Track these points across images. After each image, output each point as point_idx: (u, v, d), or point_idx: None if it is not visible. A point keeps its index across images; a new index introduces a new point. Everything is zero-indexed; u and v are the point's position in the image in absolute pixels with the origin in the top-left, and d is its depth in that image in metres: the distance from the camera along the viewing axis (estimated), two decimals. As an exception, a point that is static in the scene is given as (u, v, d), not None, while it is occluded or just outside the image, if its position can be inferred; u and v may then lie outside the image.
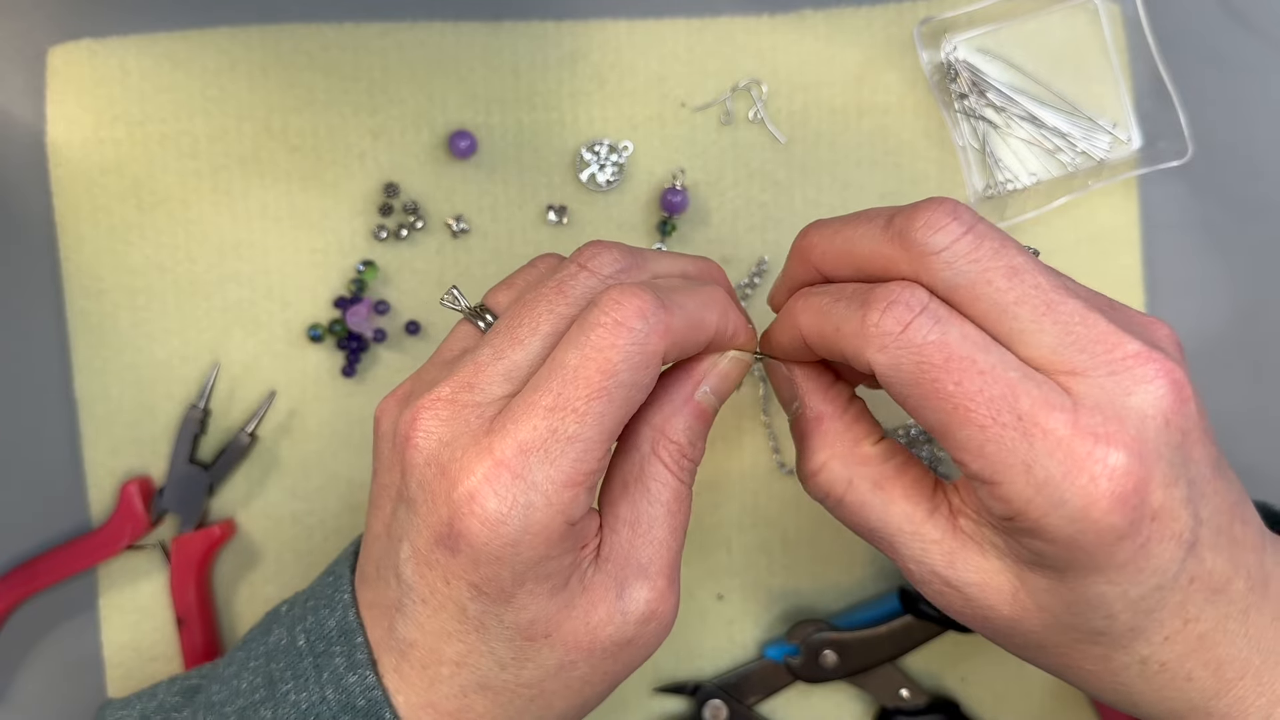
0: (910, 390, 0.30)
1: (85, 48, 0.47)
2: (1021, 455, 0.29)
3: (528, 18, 0.48)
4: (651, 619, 0.33)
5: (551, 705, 0.34)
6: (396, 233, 0.48)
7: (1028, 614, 0.32)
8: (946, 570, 0.33)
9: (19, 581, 0.46)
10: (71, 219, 0.47)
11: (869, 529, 0.34)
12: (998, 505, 0.30)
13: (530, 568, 0.31)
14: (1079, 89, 0.48)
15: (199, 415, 0.47)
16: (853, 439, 0.35)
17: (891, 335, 0.30)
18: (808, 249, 0.35)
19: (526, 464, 0.30)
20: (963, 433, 0.30)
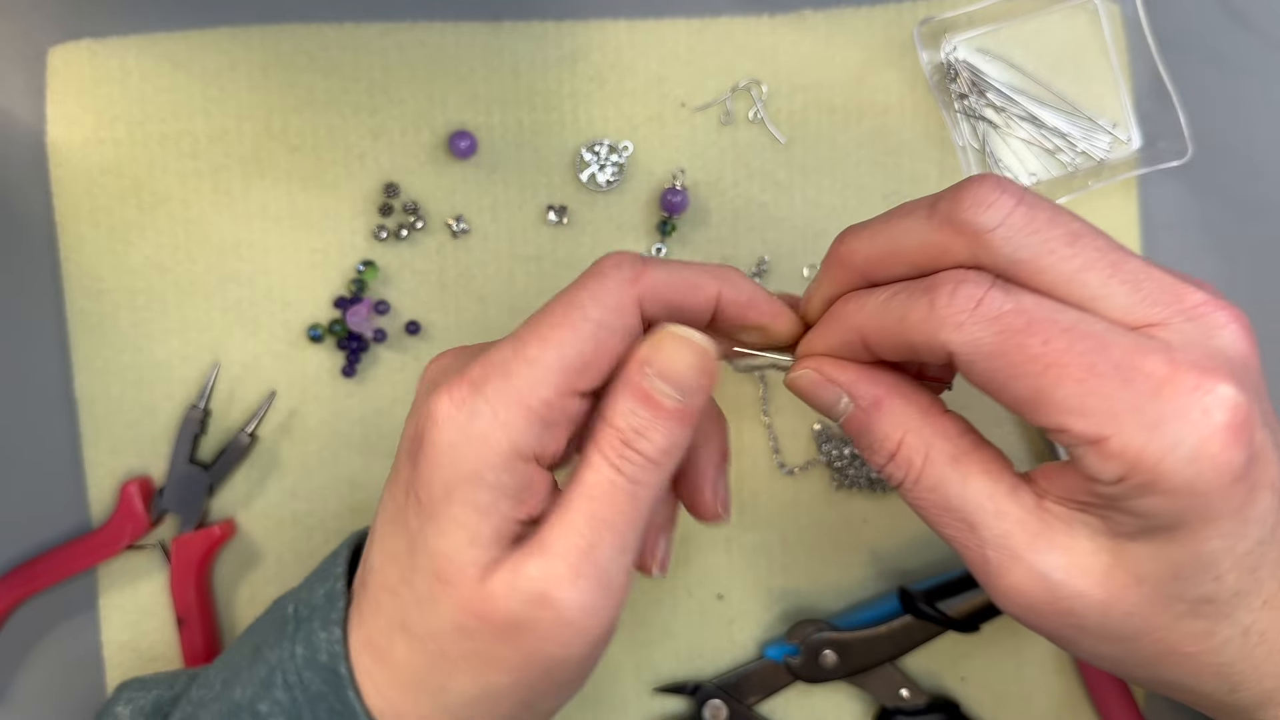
0: (994, 363, 0.29)
1: (85, 48, 0.47)
2: (1127, 402, 0.28)
3: (528, 18, 0.48)
4: (542, 603, 0.31)
5: (453, 676, 0.32)
6: (397, 233, 0.48)
7: (1124, 593, 0.30)
8: (1030, 552, 0.30)
9: (19, 581, 0.46)
10: (72, 219, 0.47)
11: (946, 507, 0.32)
12: (1109, 465, 0.28)
13: (463, 483, 0.31)
14: (1079, 89, 0.48)
15: (199, 415, 0.47)
16: (921, 411, 0.33)
17: (966, 312, 0.29)
18: (849, 255, 0.34)
19: (486, 379, 0.31)
20: (1060, 391, 0.28)
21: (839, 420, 0.34)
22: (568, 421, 0.33)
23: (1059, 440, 0.29)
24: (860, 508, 0.48)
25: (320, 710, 0.33)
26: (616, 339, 0.32)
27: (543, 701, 0.34)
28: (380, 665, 0.33)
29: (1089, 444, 0.28)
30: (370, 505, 0.48)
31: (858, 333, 0.33)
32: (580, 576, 0.31)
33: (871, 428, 0.33)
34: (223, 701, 0.35)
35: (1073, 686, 0.48)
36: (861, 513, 0.48)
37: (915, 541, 0.48)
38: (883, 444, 0.33)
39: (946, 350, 0.30)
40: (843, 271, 0.34)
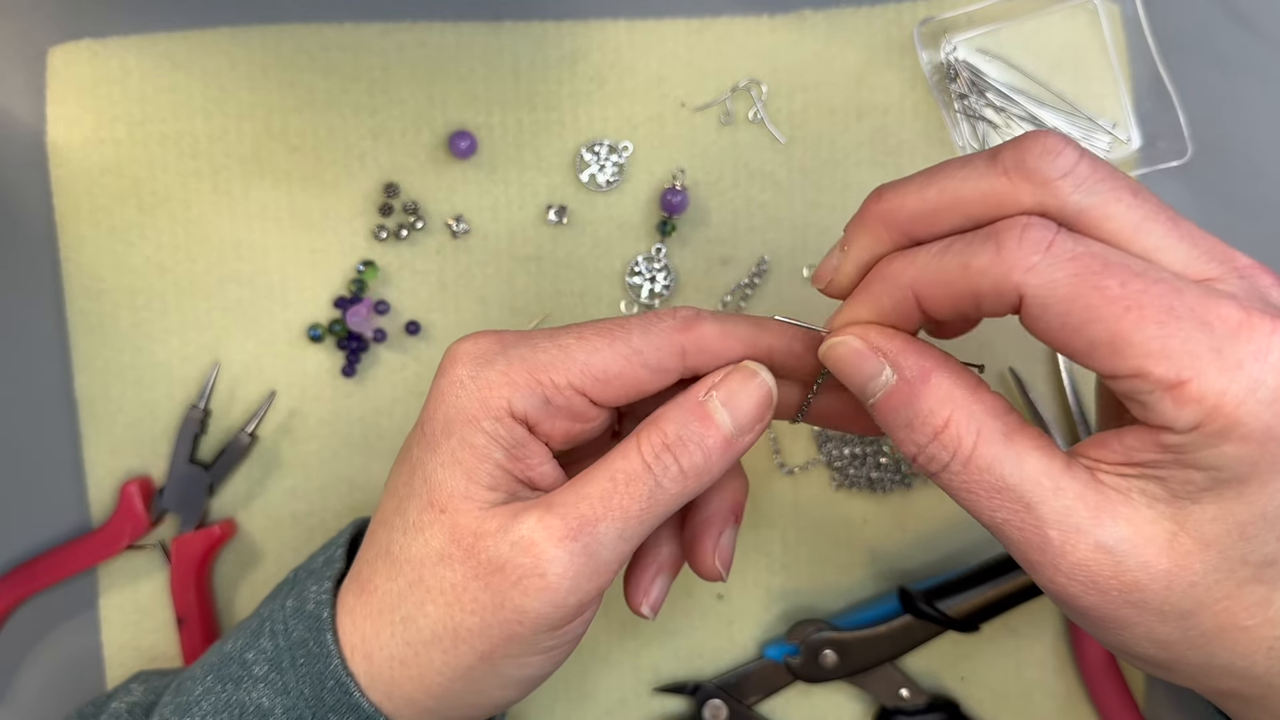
0: (1070, 306, 0.28)
1: (86, 48, 0.47)
2: (1206, 344, 0.28)
3: (528, 18, 0.48)
4: (528, 550, 0.31)
5: (423, 607, 0.33)
6: (397, 233, 0.48)
7: (1189, 560, 0.29)
8: (1094, 526, 0.30)
9: (19, 581, 0.46)
10: (72, 219, 0.47)
11: (1001, 488, 0.30)
12: (1186, 411, 0.28)
13: (462, 421, 0.33)
14: (1078, 89, 0.48)
15: (199, 415, 0.47)
16: (969, 389, 0.31)
17: (1038, 253, 0.29)
18: (893, 210, 0.32)
19: (514, 343, 0.34)
20: (1140, 334, 0.28)
21: (871, 399, 0.32)
22: (569, 416, 0.34)
23: (1132, 388, 0.28)
24: (860, 508, 0.48)
25: (299, 655, 0.35)
26: (646, 372, 0.34)
27: (502, 663, 0.33)
28: (360, 596, 0.35)
29: (1168, 389, 0.28)
30: (370, 504, 0.48)
31: (909, 290, 0.31)
32: (573, 540, 0.32)
33: (916, 402, 0.31)
34: (213, 654, 0.37)
35: (1073, 686, 0.48)
36: (861, 513, 0.48)
37: (915, 541, 0.48)
38: (927, 421, 0.31)
39: (1018, 294, 0.29)
40: (884, 229, 0.32)
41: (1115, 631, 0.31)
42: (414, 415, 0.48)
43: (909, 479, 0.48)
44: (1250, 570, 0.30)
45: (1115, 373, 0.28)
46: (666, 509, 0.33)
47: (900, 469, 0.48)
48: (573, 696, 0.48)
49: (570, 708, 0.48)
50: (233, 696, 0.35)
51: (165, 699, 0.38)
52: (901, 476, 0.48)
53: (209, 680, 0.36)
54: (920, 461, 0.32)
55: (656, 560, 0.38)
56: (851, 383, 0.33)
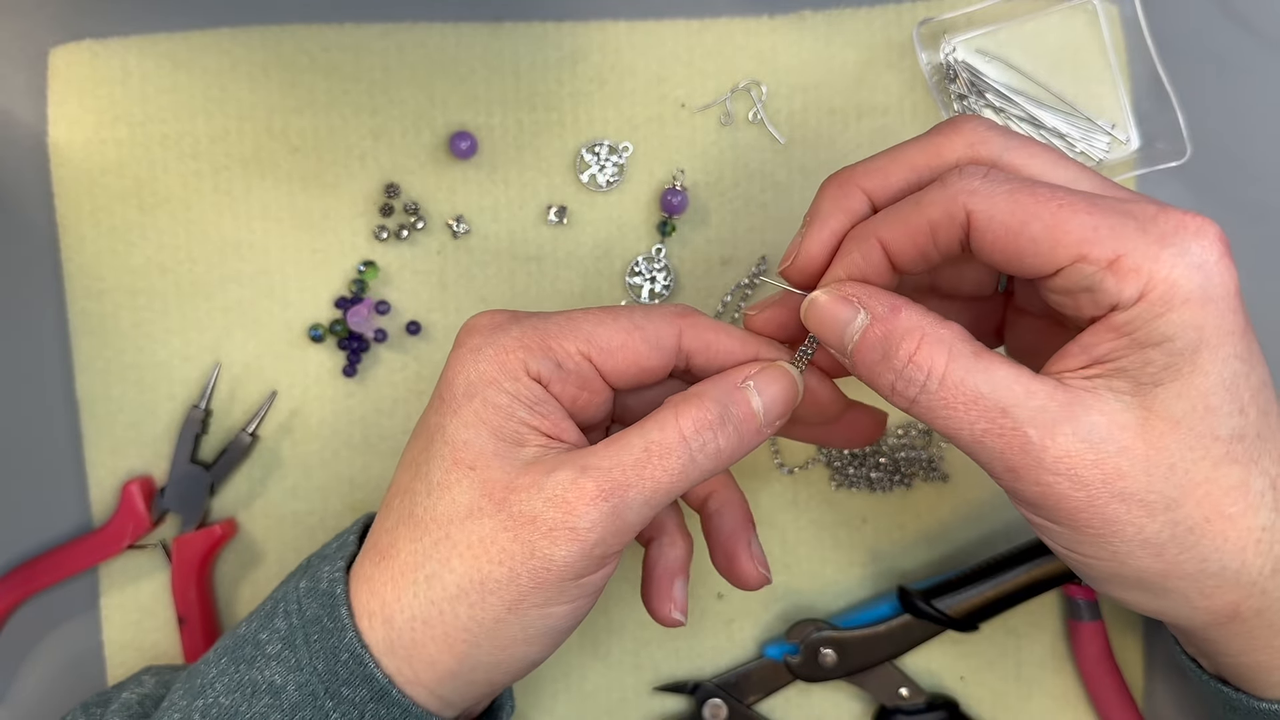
0: (1010, 212, 0.32)
1: (87, 48, 0.48)
2: (1132, 226, 0.31)
3: (528, 19, 0.48)
4: (560, 505, 0.33)
5: (449, 561, 0.34)
6: (397, 233, 0.48)
7: (1163, 439, 0.32)
8: (1069, 419, 0.32)
9: (20, 581, 0.46)
10: (73, 219, 0.48)
11: (975, 398, 0.32)
12: (1127, 283, 0.31)
13: (481, 384, 0.35)
14: (1078, 90, 0.48)
15: (200, 415, 0.47)
16: (937, 319, 0.34)
17: (978, 179, 0.33)
18: (848, 175, 0.36)
19: (526, 315, 0.36)
20: (1073, 222, 0.31)
21: (850, 347, 0.35)
22: (579, 381, 0.36)
23: (1075, 275, 0.31)
24: (860, 507, 0.48)
25: (312, 632, 0.35)
26: (647, 346, 0.36)
27: (529, 612, 0.34)
28: (379, 564, 0.35)
29: (1107, 266, 0.31)
30: (371, 503, 0.48)
31: (875, 240, 0.35)
32: (604, 500, 0.33)
33: (891, 333, 0.34)
34: (227, 637, 0.38)
35: (1073, 686, 0.48)
36: (861, 512, 0.48)
37: (915, 541, 0.48)
38: (901, 345, 0.33)
39: (966, 213, 0.33)
40: (842, 194, 0.36)
41: (1106, 540, 0.33)
42: (415, 415, 0.48)
43: (908, 479, 0.48)
44: (1222, 447, 0.32)
45: (1057, 264, 0.32)
46: (693, 483, 0.35)
47: (900, 469, 0.48)
48: (573, 696, 0.48)
49: (570, 707, 0.48)
50: (245, 676, 0.36)
51: (177, 686, 0.38)
52: (901, 476, 0.48)
53: (223, 662, 0.37)
54: (898, 389, 0.34)
55: (669, 566, 0.39)
56: (831, 334, 0.35)
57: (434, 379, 0.48)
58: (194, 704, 0.36)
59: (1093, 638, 0.47)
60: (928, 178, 0.35)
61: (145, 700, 0.40)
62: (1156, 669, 0.48)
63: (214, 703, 0.36)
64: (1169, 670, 0.48)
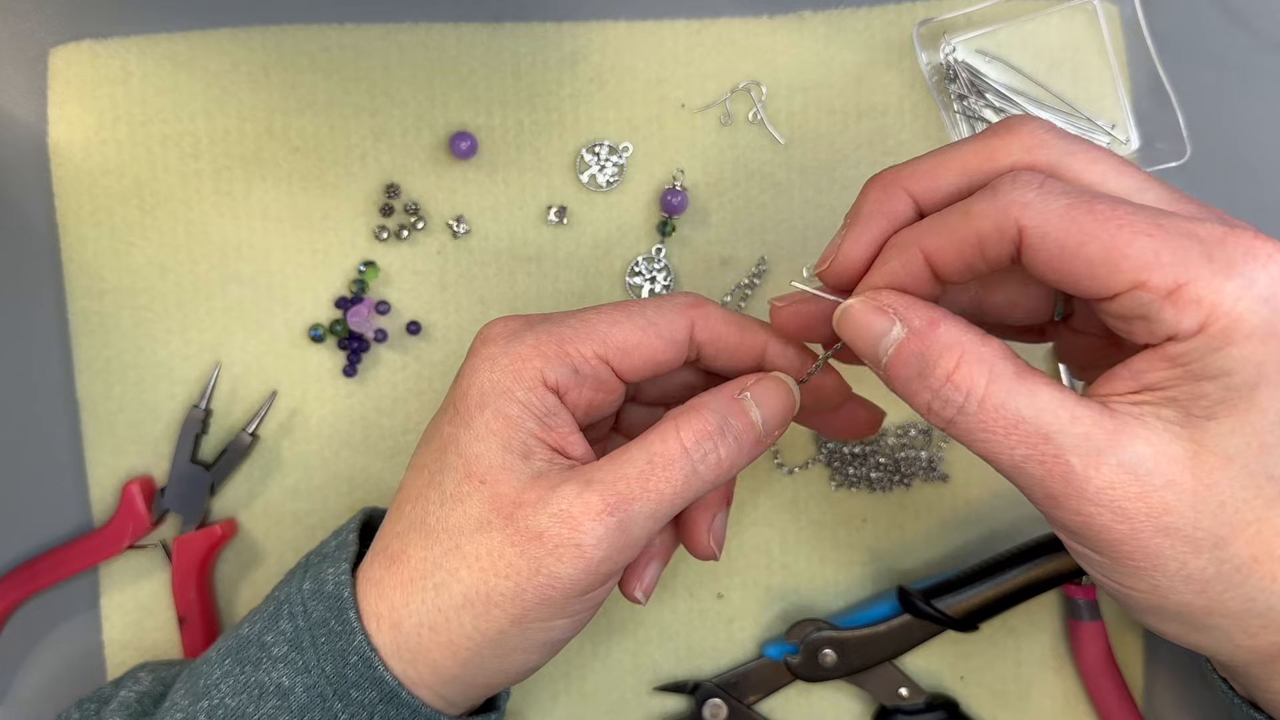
0: (1067, 230, 0.30)
1: (87, 49, 0.48)
2: (1197, 251, 0.29)
3: (528, 19, 0.48)
4: (566, 521, 0.33)
5: (458, 572, 0.34)
6: (397, 233, 0.48)
7: (1214, 475, 0.30)
8: (1114, 448, 0.30)
9: (21, 581, 0.46)
10: (73, 220, 0.48)
11: (1016, 422, 0.31)
12: (1187, 314, 0.29)
13: (496, 393, 0.35)
14: (1077, 90, 0.48)
15: (201, 415, 0.47)
16: (977, 334, 0.32)
17: (1033, 190, 0.31)
18: (894, 175, 0.35)
19: (540, 320, 0.36)
20: (1134, 247, 0.29)
21: (884, 360, 0.33)
22: (595, 384, 0.36)
23: (1132, 302, 0.29)
24: (860, 507, 0.48)
25: (320, 635, 0.35)
26: (661, 342, 0.36)
27: (532, 626, 0.34)
28: (389, 568, 0.35)
29: (1167, 295, 0.29)
30: (371, 504, 0.48)
31: (918, 250, 0.33)
32: (609, 515, 0.33)
33: (928, 349, 0.32)
34: (230, 639, 0.38)
35: (1072, 686, 0.48)
36: (861, 512, 0.48)
37: (914, 541, 0.48)
38: (938, 363, 0.32)
39: (1018, 228, 0.31)
40: (886, 197, 0.34)
41: (1148, 573, 0.31)
42: (415, 415, 0.48)
43: (908, 479, 0.48)
44: (1276, 487, 0.30)
45: (1115, 289, 0.29)
46: (696, 494, 0.35)
47: (900, 469, 0.48)
48: (573, 695, 0.48)
49: (570, 707, 0.48)
50: (251, 678, 0.36)
51: (179, 685, 0.38)
52: (901, 476, 0.48)
53: (227, 664, 0.36)
54: (935, 409, 0.32)
55: (650, 548, 0.39)
56: (864, 345, 0.34)
57: (434, 379, 0.48)
58: (198, 705, 0.36)
59: (1093, 638, 0.47)
60: (979, 182, 0.33)
61: (144, 698, 0.40)
62: (1156, 669, 0.48)
63: (220, 704, 0.36)
64: (1169, 670, 0.48)
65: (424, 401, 0.48)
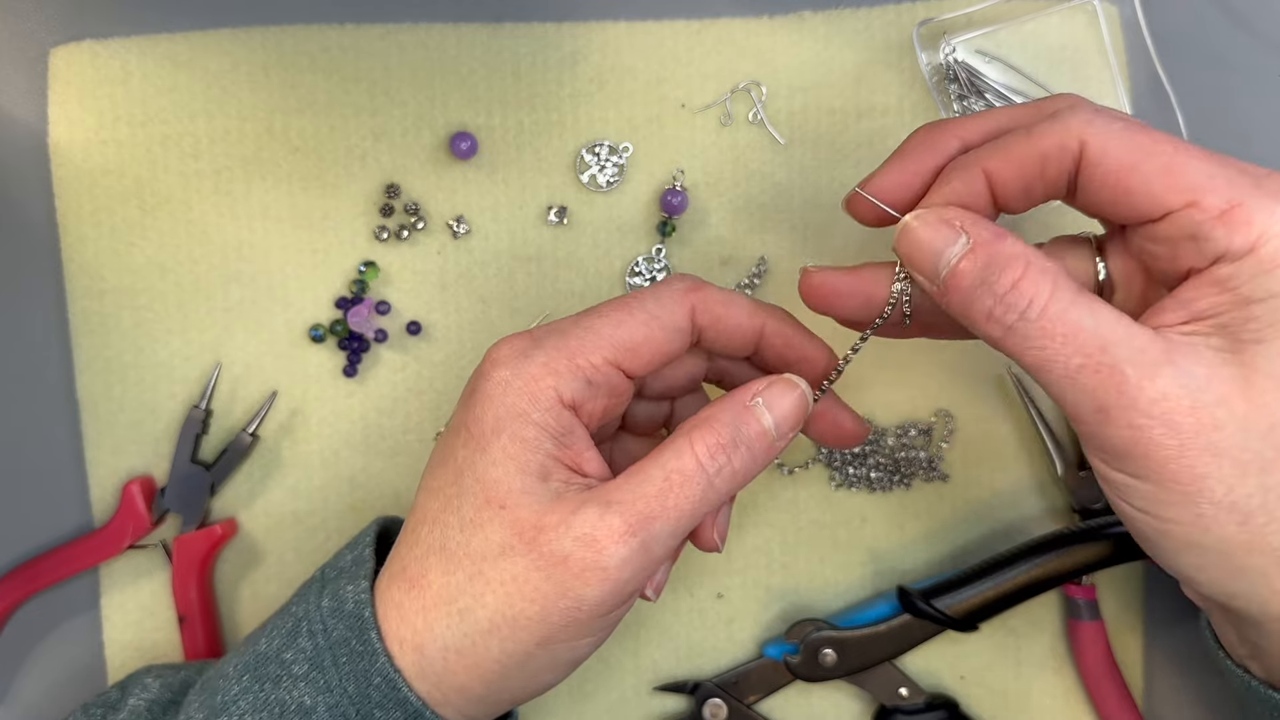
0: (1128, 145, 0.32)
1: (87, 49, 0.48)
2: (1249, 177, 0.31)
3: (528, 19, 0.48)
4: (590, 545, 0.33)
5: (483, 597, 0.34)
6: (397, 233, 0.48)
7: (1266, 397, 0.30)
8: (1169, 363, 0.30)
9: (21, 581, 0.47)
10: (73, 220, 0.48)
11: (1075, 331, 0.31)
12: (1239, 234, 0.30)
13: (512, 417, 0.34)
14: (1077, 90, 0.48)
15: (201, 415, 0.47)
16: (1040, 252, 0.33)
17: (1093, 112, 0.32)
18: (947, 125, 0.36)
19: (545, 335, 0.36)
20: (1190, 167, 0.31)
21: (945, 272, 0.33)
22: (608, 391, 0.36)
23: (1186, 221, 0.31)
24: (859, 507, 0.48)
25: (341, 654, 0.35)
26: (666, 334, 0.36)
27: (558, 646, 0.35)
28: (409, 592, 0.35)
29: (1220, 215, 0.30)
30: (371, 503, 0.48)
31: (980, 170, 0.34)
32: (632, 536, 0.33)
33: (994, 258, 0.32)
34: (246, 654, 0.37)
35: (1073, 686, 0.48)
36: (860, 512, 0.48)
37: (914, 541, 0.48)
38: (1005, 272, 0.32)
39: (1080, 142, 0.32)
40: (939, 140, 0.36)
41: (1193, 499, 0.31)
42: (415, 415, 0.48)
43: (908, 479, 0.48)
44: None
45: (1168, 206, 0.31)
46: (713, 506, 0.35)
47: (900, 469, 0.48)
48: (573, 696, 0.48)
49: (570, 707, 0.48)
50: (272, 695, 0.36)
51: (192, 698, 0.38)
52: (901, 476, 0.48)
53: (245, 680, 0.36)
54: (996, 315, 0.32)
55: None
56: (925, 258, 0.34)
57: (434, 379, 0.48)
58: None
59: (1093, 638, 0.47)
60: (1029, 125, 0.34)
61: (154, 706, 0.40)
62: (1156, 669, 0.48)
63: None
64: (1169, 670, 0.48)
65: (424, 401, 0.48)
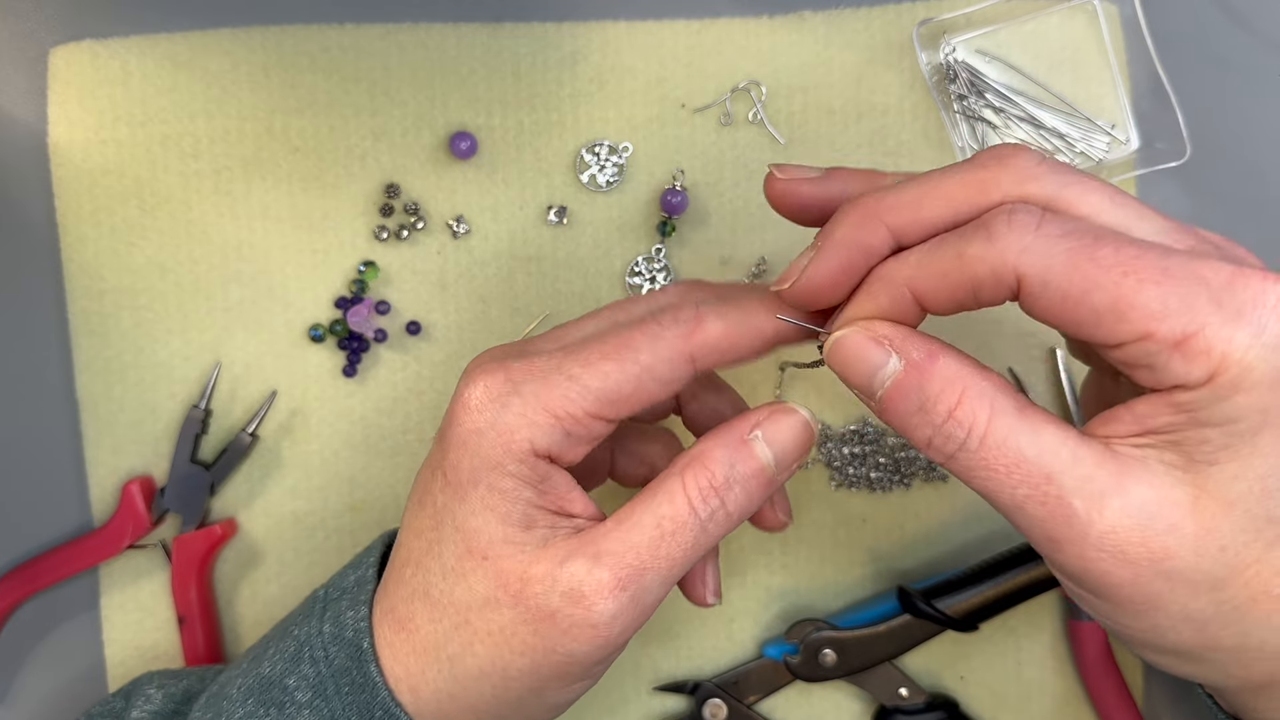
0: (1069, 279, 0.29)
1: (87, 49, 0.48)
2: (1206, 298, 0.28)
3: (528, 19, 0.48)
4: (578, 601, 0.32)
5: (472, 645, 0.34)
6: (397, 233, 0.48)
7: (1215, 520, 0.29)
8: (1117, 491, 0.29)
9: (20, 581, 0.46)
10: (73, 220, 0.48)
11: (1018, 461, 0.30)
12: (1196, 364, 0.28)
13: (487, 468, 0.33)
14: (1077, 90, 0.48)
15: (200, 415, 0.47)
16: (977, 367, 0.31)
17: (1030, 232, 0.29)
18: (874, 202, 0.32)
19: (525, 379, 0.33)
20: (1141, 296, 0.28)
21: (878, 394, 0.32)
22: (588, 439, 0.34)
23: (1139, 352, 0.29)
24: (860, 507, 0.48)
25: (343, 684, 0.35)
26: (657, 385, 0.34)
27: (551, 693, 0.35)
28: (400, 634, 0.35)
29: (1175, 346, 0.28)
30: (371, 503, 0.48)
31: (905, 288, 0.32)
32: (622, 590, 0.32)
33: (927, 383, 0.31)
34: (250, 676, 0.37)
35: (1073, 686, 0.48)
36: (861, 512, 0.48)
37: (914, 541, 0.48)
38: (940, 400, 0.31)
39: (1016, 276, 0.29)
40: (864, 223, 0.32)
41: (1148, 614, 0.31)
42: (415, 415, 0.48)
43: (908, 479, 0.48)
44: (1275, 530, 0.30)
45: (1121, 339, 0.29)
46: (707, 549, 0.34)
47: (900, 469, 0.48)
48: (573, 696, 0.48)
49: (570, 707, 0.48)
50: None
51: (196, 716, 0.37)
52: (901, 476, 0.48)
53: (249, 704, 0.36)
54: (936, 444, 0.31)
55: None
56: (858, 377, 0.32)
57: (434, 379, 0.48)
58: None
59: (1093, 638, 0.47)
60: (966, 215, 0.31)
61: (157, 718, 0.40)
62: (1156, 669, 0.48)
63: None
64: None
65: (424, 402, 0.48)
